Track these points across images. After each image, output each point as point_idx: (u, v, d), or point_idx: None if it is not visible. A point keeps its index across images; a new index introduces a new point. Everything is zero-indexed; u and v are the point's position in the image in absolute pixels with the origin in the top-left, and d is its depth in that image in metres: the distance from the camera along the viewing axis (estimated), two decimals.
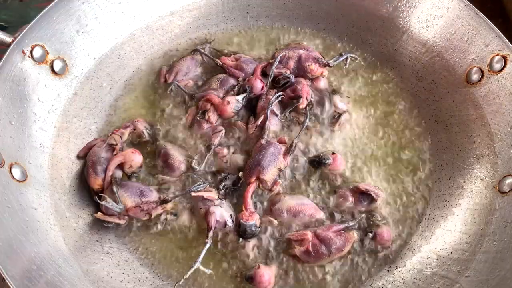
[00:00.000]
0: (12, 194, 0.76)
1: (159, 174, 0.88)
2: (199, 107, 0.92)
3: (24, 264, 0.71)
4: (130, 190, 0.82)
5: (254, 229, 0.81)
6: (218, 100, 0.90)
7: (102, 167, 0.84)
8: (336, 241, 0.80)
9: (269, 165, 0.84)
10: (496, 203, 0.82)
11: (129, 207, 0.81)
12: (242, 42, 1.03)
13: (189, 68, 0.97)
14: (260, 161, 0.84)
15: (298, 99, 0.91)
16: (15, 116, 0.81)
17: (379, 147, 0.92)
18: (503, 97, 0.85)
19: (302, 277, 0.81)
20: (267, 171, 0.83)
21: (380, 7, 0.99)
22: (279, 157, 0.85)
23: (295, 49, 0.95)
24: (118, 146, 0.86)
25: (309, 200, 0.85)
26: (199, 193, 0.82)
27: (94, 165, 0.84)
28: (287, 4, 1.04)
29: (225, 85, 0.94)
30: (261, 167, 0.83)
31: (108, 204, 0.80)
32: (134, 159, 0.86)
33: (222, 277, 0.81)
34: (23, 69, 0.83)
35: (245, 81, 0.93)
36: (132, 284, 0.80)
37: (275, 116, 0.91)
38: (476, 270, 0.77)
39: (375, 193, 0.84)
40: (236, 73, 0.95)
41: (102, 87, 0.95)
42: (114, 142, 0.87)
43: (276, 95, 0.91)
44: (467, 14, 0.89)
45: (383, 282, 0.82)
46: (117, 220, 0.82)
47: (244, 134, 0.91)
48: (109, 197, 0.81)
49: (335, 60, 0.97)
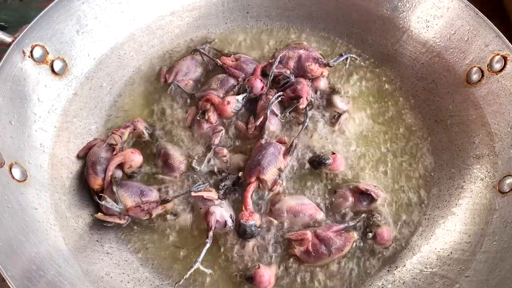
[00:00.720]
0: (12, 194, 0.76)
1: (159, 174, 0.88)
2: (199, 107, 0.92)
3: (24, 264, 0.71)
4: (130, 190, 0.82)
5: (254, 229, 0.81)
6: (218, 100, 0.90)
7: (102, 167, 0.84)
8: (336, 241, 0.80)
9: (269, 165, 0.84)
10: (496, 203, 0.82)
11: (129, 207, 0.81)
12: (242, 42, 1.03)
13: (189, 68, 0.97)
14: (260, 161, 0.84)
15: (298, 99, 0.91)
16: (15, 116, 0.81)
17: (378, 147, 0.92)
18: (503, 97, 0.85)
19: (301, 277, 0.81)
20: (267, 171, 0.83)
21: (380, 7, 0.99)
22: (279, 157, 0.85)
23: (295, 49, 0.95)
24: (118, 146, 0.86)
25: (309, 200, 0.85)
26: (199, 193, 0.82)
27: (94, 165, 0.84)
28: (287, 4, 1.04)
29: (225, 85, 0.94)
30: (261, 167, 0.83)
31: (108, 204, 0.80)
32: (134, 159, 0.86)
33: (222, 277, 0.81)
34: (23, 69, 0.83)
35: (245, 81, 0.93)
36: (132, 284, 0.80)
37: (275, 116, 0.91)
38: (476, 270, 0.77)
39: (375, 193, 0.84)
40: (236, 73, 0.95)
41: (102, 87, 0.95)
42: (114, 142, 0.87)
43: (276, 95, 0.91)
44: (467, 14, 0.89)
45: (383, 282, 0.82)
46: (117, 220, 0.82)
47: (244, 134, 0.91)
48: (109, 197, 0.81)
49: (335, 60, 0.97)
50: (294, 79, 0.93)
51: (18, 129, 0.81)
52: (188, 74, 0.97)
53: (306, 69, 0.94)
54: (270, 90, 0.94)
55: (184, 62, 0.97)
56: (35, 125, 0.84)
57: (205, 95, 0.92)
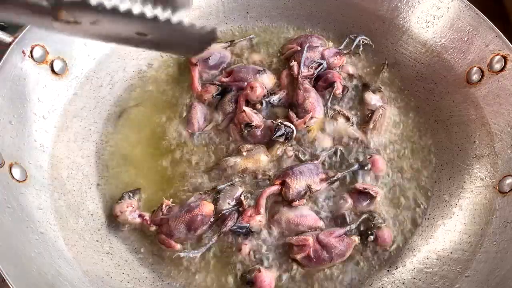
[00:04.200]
0: (12, 194, 0.76)
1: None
2: (238, 122, 0.89)
3: (24, 264, 0.71)
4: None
5: (244, 231, 0.80)
6: (244, 92, 0.90)
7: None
8: (337, 247, 0.79)
9: (301, 175, 0.82)
10: (496, 203, 0.82)
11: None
12: (242, 41, 1.03)
13: (202, 111, 0.94)
14: (293, 167, 0.83)
15: (332, 86, 0.91)
16: (15, 116, 0.81)
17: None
18: (503, 97, 0.85)
19: (301, 280, 0.81)
20: (296, 179, 0.82)
21: (380, 7, 0.99)
22: (315, 177, 0.83)
23: (314, 49, 0.95)
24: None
25: (308, 210, 0.83)
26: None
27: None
28: (287, 4, 1.04)
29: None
30: (292, 172, 0.82)
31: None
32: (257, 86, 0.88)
33: (222, 281, 0.81)
34: (23, 69, 0.83)
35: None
36: (132, 284, 0.80)
37: (319, 105, 0.90)
38: (476, 270, 0.77)
39: (374, 191, 0.84)
40: (239, 85, 0.93)
41: (102, 87, 0.95)
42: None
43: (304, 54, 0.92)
44: (467, 14, 0.89)
45: (383, 282, 0.82)
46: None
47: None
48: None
49: (347, 45, 0.99)
50: (326, 65, 0.94)
51: (18, 129, 0.81)
52: (204, 116, 0.94)
53: (331, 65, 0.95)
54: (304, 77, 0.92)
55: (195, 110, 0.93)
56: (35, 125, 0.84)
57: (233, 117, 0.90)
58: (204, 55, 0.96)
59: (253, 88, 0.89)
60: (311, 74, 0.93)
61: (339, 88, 0.92)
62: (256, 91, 0.89)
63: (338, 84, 0.92)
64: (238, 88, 0.93)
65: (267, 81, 0.94)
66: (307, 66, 0.93)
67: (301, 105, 0.89)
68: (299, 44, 0.97)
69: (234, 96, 0.93)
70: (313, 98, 0.89)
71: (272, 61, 1.01)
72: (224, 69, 0.98)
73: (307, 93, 0.90)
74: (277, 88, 0.95)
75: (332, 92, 0.91)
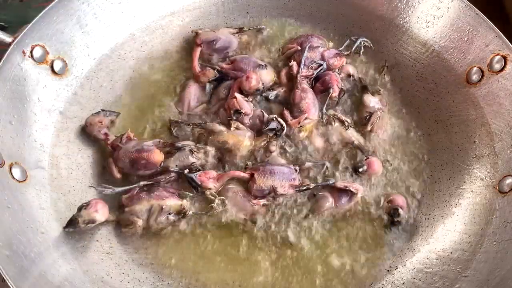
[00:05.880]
0: (12, 194, 0.76)
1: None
2: (229, 107, 0.90)
3: (24, 265, 0.71)
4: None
5: (193, 184, 0.82)
6: (238, 81, 0.91)
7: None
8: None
9: (270, 174, 0.82)
10: (496, 203, 0.82)
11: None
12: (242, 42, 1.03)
13: (196, 92, 0.95)
14: (268, 164, 0.84)
15: (329, 90, 0.91)
16: (15, 116, 0.81)
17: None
18: (503, 97, 0.85)
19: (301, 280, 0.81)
20: (264, 177, 0.82)
21: (380, 7, 0.99)
22: (285, 181, 0.83)
23: (314, 49, 0.95)
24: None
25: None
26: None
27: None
28: (287, 4, 1.04)
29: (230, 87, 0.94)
30: (263, 169, 0.83)
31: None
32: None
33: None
34: (23, 69, 0.83)
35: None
36: (132, 284, 0.80)
37: (315, 107, 0.90)
38: (476, 270, 0.77)
39: (354, 188, 0.84)
40: (237, 75, 0.94)
41: (102, 87, 0.95)
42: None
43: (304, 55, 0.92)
44: (467, 14, 0.89)
45: (383, 283, 0.82)
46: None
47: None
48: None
49: (348, 46, 0.98)
50: (325, 66, 0.94)
51: (18, 129, 0.81)
52: (197, 97, 0.95)
53: (331, 66, 0.95)
54: (303, 77, 0.92)
55: (189, 89, 0.94)
56: (35, 125, 0.84)
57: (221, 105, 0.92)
58: (210, 37, 0.97)
59: (248, 78, 0.90)
60: (310, 74, 0.93)
61: (335, 91, 0.92)
62: (250, 82, 0.90)
63: (335, 87, 0.91)
64: (236, 78, 0.94)
65: (265, 76, 0.94)
66: (307, 66, 0.93)
67: (297, 105, 0.89)
68: (299, 44, 0.97)
69: (230, 84, 0.94)
70: (310, 99, 0.90)
71: (274, 58, 1.01)
72: (228, 55, 0.98)
73: (304, 93, 0.90)
74: (276, 85, 0.95)
75: (328, 96, 0.91)
